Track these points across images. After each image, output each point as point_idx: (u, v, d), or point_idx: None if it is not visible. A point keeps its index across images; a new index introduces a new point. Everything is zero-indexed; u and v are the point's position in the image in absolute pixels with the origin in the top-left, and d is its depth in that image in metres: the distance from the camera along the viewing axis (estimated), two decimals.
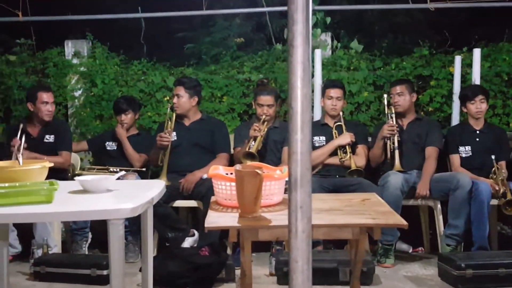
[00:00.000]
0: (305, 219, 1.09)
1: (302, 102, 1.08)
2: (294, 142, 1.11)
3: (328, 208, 2.78)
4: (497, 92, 5.32)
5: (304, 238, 1.09)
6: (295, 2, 1.06)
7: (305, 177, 1.10)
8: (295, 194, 1.10)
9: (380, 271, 4.25)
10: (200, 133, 4.83)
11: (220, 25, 6.78)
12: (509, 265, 3.91)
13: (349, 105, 5.40)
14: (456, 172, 4.64)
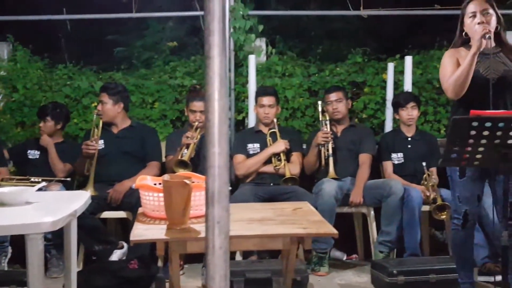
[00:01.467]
0: (222, 235, 1.08)
1: (219, 114, 1.07)
2: (211, 156, 1.10)
3: (260, 218, 2.79)
4: (429, 99, 5.45)
5: (221, 254, 1.08)
6: (212, 12, 1.05)
7: (222, 192, 1.09)
8: (212, 209, 1.08)
9: (314, 280, 4.28)
10: (129, 141, 4.71)
11: (152, 28, 6.70)
12: (439, 271, 3.99)
13: (284, 111, 5.43)
14: (389, 179, 4.72)
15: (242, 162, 4.79)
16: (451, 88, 3.38)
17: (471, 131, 2.83)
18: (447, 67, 3.47)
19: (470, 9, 3.43)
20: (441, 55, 5.63)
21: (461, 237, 3.55)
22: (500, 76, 3.38)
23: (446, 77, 3.44)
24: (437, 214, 4.45)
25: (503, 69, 3.41)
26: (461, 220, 3.47)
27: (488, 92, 3.28)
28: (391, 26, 7.12)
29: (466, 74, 3.30)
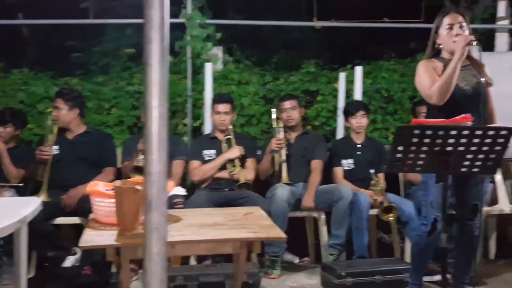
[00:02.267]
0: (160, 241, 1.05)
1: (158, 122, 1.05)
2: (149, 163, 1.08)
3: (212, 222, 2.77)
4: (378, 108, 5.52)
5: (159, 261, 1.06)
6: (151, 20, 1.04)
7: (160, 198, 1.07)
8: (150, 216, 1.06)
9: (267, 282, 4.28)
10: (85, 146, 4.61)
11: (110, 35, 6.59)
12: (385, 272, 4.05)
13: (240, 117, 5.41)
14: (339, 184, 4.74)
15: (197, 168, 4.76)
16: (436, 94, 3.36)
17: (413, 138, 2.87)
18: (426, 76, 3.46)
19: (446, 21, 3.48)
20: (389, 66, 5.79)
21: (425, 244, 3.55)
22: (473, 87, 3.45)
23: (427, 85, 3.43)
24: (383, 215, 4.51)
25: (476, 81, 3.47)
26: (429, 226, 3.46)
27: (464, 102, 3.38)
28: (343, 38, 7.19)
29: (450, 80, 3.32)
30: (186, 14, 5.54)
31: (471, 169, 3.04)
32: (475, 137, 2.89)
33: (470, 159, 2.96)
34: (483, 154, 2.95)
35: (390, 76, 5.65)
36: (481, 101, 3.44)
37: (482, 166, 3.00)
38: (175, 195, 4.47)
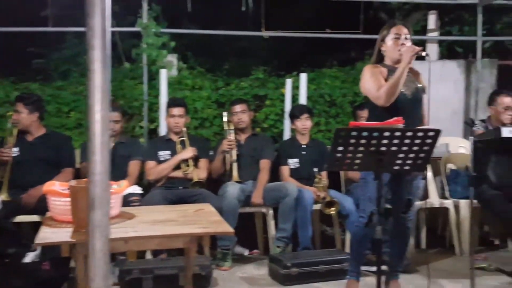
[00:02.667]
0: (103, 238, 1.03)
1: (100, 124, 1.03)
2: (92, 163, 1.05)
3: (164, 219, 2.73)
4: (321, 111, 5.56)
5: (102, 257, 1.04)
6: (93, 28, 1.01)
7: (103, 198, 1.05)
8: (93, 214, 1.04)
9: (218, 274, 4.25)
10: (44, 148, 4.49)
11: (70, 42, 6.47)
12: (327, 262, 4.11)
13: (194, 120, 5.39)
14: (285, 182, 4.76)
15: (153, 168, 4.71)
16: (384, 96, 3.40)
17: (351, 139, 2.90)
18: (373, 79, 3.49)
19: (393, 31, 3.54)
20: (331, 73, 5.84)
21: (362, 235, 3.60)
22: (412, 92, 3.53)
23: (375, 87, 3.46)
24: (326, 210, 4.55)
25: (414, 86, 3.55)
26: (366, 219, 3.49)
27: (406, 106, 3.46)
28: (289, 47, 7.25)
29: (398, 84, 3.38)
30: (142, 23, 5.48)
31: (403, 167, 3.08)
32: (406, 138, 2.93)
33: (402, 158, 3.01)
34: (413, 154, 3.00)
35: (333, 82, 5.70)
36: (419, 105, 3.56)
37: (413, 164, 3.05)
38: (131, 194, 4.42)
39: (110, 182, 2.74)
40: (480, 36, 6.18)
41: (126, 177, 4.60)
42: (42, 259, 3.92)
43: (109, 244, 1.04)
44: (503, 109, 4.68)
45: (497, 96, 4.77)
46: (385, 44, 3.57)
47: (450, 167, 5.16)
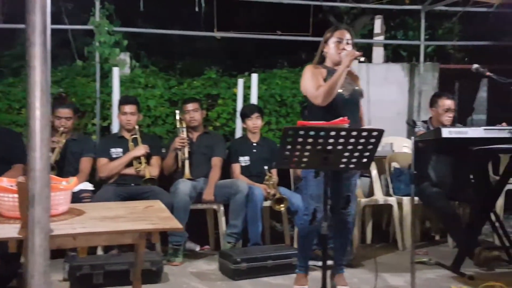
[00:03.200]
0: (42, 235, 1.01)
1: (40, 121, 1.01)
2: (32, 160, 1.02)
3: (113, 215, 2.68)
4: (272, 111, 5.59)
5: (41, 253, 1.01)
6: (32, 24, 0.99)
7: (43, 194, 1.02)
8: (33, 210, 1.01)
9: (169, 269, 4.21)
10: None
11: (22, 39, 6.29)
12: (276, 257, 4.12)
13: (147, 118, 5.34)
14: (236, 179, 4.77)
15: (105, 165, 4.65)
16: (321, 96, 3.43)
17: (298, 138, 2.92)
18: (313, 79, 3.52)
19: (337, 35, 3.58)
20: (282, 74, 5.88)
21: (307, 232, 3.62)
22: (350, 94, 3.57)
23: (314, 87, 3.49)
24: (275, 206, 4.57)
25: (352, 88, 3.60)
26: (310, 216, 3.53)
27: (342, 106, 3.49)
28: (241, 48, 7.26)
29: (335, 85, 3.41)
30: (95, 21, 5.40)
31: (348, 165, 3.12)
32: (351, 138, 2.97)
33: (347, 156, 3.04)
34: (358, 152, 3.04)
35: (283, 83, 5.74)
36: (356, 106, 3.62)
37: (358, 162, 3.10)
38: (82, 190, 4.36)
39: (59, 179, 2.72)
40: (423, 40, 6.33)
41: (78, 173, 4.54)
42: None
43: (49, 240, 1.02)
44: (443, 111, 4.77)
45: (438, 99, 4.86)
46: (328, 47, 3.62)
47: (394, 165, 5.24)
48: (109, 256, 4.11)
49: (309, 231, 3.61)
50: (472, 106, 7.51)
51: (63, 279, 3.93)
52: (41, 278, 1.01)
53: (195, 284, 3.92)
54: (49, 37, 1.02)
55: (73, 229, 2.33)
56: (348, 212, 3.62)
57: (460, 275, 4.08)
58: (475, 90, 7.46)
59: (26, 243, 2.29)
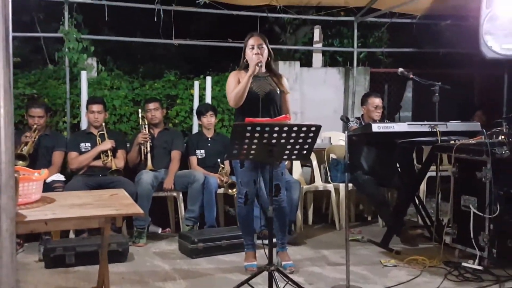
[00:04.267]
0: (8, 220, 0.99)
1: (4, 118, 0.98)
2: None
3: (81, 203, 2.64)
4: (225, 109, 5.57)
5: (8, 236, 0.99)
6: None
7: (8, 183, 1.00)
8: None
9: (135, 250, 4.19)
10: None
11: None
12: (228, 237, 4.15)
13: (113, 116, 5.26)
14: (193, 170, 4.76)
15: (75, 158, 4.57)
16: (232, 99, 3.53)
17: (246, 133, 2.93)
18: (230, 84, 3.60)
19: (250, 42, 3.59)
20: None
21: (244, 212, 3.66)
22: (266, 93, 3.57)
23: (229, 91, 3.57)
24: (228, 190, 4.59)
25: (269, 88, 3.60)
26: (243, 199, 3.59)
27: (258, 104, 3.51)
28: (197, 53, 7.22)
29: (243, 90, 3.46)
30: (64, 30, 5.27)
31: (290, 157, 3.16)
32: (292, 132, 3.00)
33: (290, 149, 3.07)
34: (299, 145, 3.07)
35: None
36: (273, 104, 3.59)
37: (299, 154, 3.13)
38: (55, 181, 4.30)
39: (31, 171, 2.66)
40: (356, 47, 6.41)
41: (50, 166, 4.45)
42: None
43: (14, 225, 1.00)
44: (373, 108, 4.82)
45: (368, 98, 4.91)
46: (246, 53, 3.62)
47: (332, 156, 5.30)
48: (80, 239, 4.08)
49: (246, 211, 3.64)
50: (399, 105, 7.67)
51: (39, 259, 3.86)
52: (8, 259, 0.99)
53: (157, 263, 3.91)
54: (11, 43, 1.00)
55: (45, 215, 2.30)
56: (280, 198, 3.62)
57: (388, 250, 4.18)
58: (401, 91, 7.63)
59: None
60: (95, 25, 5.81)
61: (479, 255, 3.61)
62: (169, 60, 7.10)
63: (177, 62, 6.89)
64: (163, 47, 6.92)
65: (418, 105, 7.62)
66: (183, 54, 7.17)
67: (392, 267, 3.79)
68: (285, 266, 3.67)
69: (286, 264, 3.69)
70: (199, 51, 7.12)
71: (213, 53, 6.96)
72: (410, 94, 7.84)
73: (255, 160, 3.41)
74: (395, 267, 3.77)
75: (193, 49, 6.79)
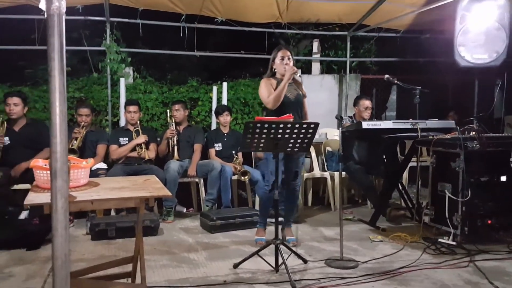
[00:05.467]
0: (62, 199, 1.01)
1: (59, 116, 1.00)
2: (53, 145, 1.02)
3: (120, 186, 2.65)
4: (238, 110, 5.58)
5: (62, 212, 1.01)
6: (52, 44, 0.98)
7: (62, 169, 1.02)
8: (55, 181, 1.01)
9: (164, 226, 4.22)
10: (27, 134, 4.25)
11: None
12: (242, 216, 4.17)
13: (146, 115, 5.29)
14: (212, 160, 4.77)
15: (115, 150, 4.60)
16: (271, 102, 3.43)
17: (256, 129, 2.95)
18: (266, 89, 3.50)
19: (280, 54, 3.56)
20: (245, 82, 5.86)
21: (267, 197, 3.60)
22: (295, 97, 3.55)
23: (266, 95, 3.47)
24: (241, 177, 4.59)
25: (296, 93, 3.58)
26: (270, 187, 3.54)
27: (290, 106, 3.49)
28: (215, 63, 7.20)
29: (281, 94, 3.41)
30: (106, 44, 5.30)
31: (293, 149, 3.16)
32: (295, 129, 3.01)
33: (292, 142, 3.08)
34: (300, 139, 3.08)
35: (246, 89, 5.72)
36: (300, 106, 3.61)
37: (300, 146, 3.13)
38: (99, 168, 4.33)
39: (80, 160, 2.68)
40: (348, 57, 6.38)
41: (95, 156, 4.48)
42: (32, 216, 3.74)
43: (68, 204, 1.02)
44: (363, 108, 4.81)
45: (359, 100, 4.89)
46: (275, 63, 3.59)
47: (328, 149, 5.29)
48: (119, 216, 4.11)
49: (268, 197, 3.62)
50: (385, 106, 7.62)
51: (86, 233, 3.91)
52: (62, 231, 1.01)
53: (182, 237, 3.94)
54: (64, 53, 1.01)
55: (91, 196, 2.32)
56: (296, 183, 3.62)
57: (376, 228, 4.18)
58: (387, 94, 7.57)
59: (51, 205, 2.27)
60: (131, 40, 5.82)
61: (453, 232, 3.60)
62: (192, 69, 7.10)
63: (199, 71, 6.88)
64: (186, 58, 6.90)
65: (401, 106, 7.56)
66: (204, 64, 7.16)
67: (379, 242, 3.79)
68: (289, 240, 3.68)
69: (290, 239, 3.70)
70: (217, 61, 7.12)
71: (228, 62, 6.96)
72: (395, 97, 7.78)
73: (265, 152, 3.41)
74: (382, 242, 3.77)
75: (212, 59, 6.79)
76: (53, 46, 0.99)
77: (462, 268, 3.13)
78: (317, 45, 6.54)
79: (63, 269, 0.96)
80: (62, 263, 0.96)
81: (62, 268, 0.96)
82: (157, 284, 2.82)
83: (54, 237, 1.00)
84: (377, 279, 2.92)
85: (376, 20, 5.78)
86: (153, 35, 5.97)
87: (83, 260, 3.27)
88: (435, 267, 3.15)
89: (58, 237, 1.00)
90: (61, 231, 1.00)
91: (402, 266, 3.15)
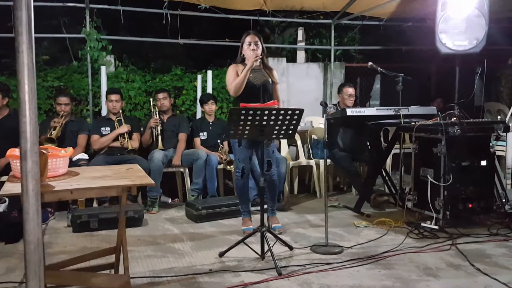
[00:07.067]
0: (33, 181, 0.96)
1: (28, 93, 0.95)
2: (22, 124, 0.97)
3: (102, 175, 2.59)
4: (224, 98, 5.52)
5: (34, 195, 0.97)
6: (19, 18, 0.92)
7: (32, 150, 0.97)
8: (25, 163, 0.96)
9: (148, 216, 4.17)
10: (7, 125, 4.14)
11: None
12: (227, 205, 4.13)
13: (128, 105, 5.20)
14: (197, 149, 4.72)
15: (97, 140, 4.51)
16: (233, 89, 3.45)
17: (241, 116, 2.90)
18: (230, 76, 3.51)
19: (247, 39, 3.52)
20: None
21: (240, 184, 3.61)
22: (261, 83, 3.51)
23: (229, 82, 3.48)
24: (227, 166, 4.56)
25: (263, 79, 3.53)
26: (240, 173, 3.55)
27: (255, 92, 3.44)
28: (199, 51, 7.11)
29: (242, 81, 3.39)
30: (86, 31, 5.17)
31: (278, 136, 3.13)
32: (280, 115, 2.98)
33: (277, 129, 3.06)
34: (285, 126, 3.05)
35: None
36: (267, 93, 3.52)
37: (285, 133, 3.11)
38: (80, 159, 4.25)
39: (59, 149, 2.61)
40: (333, 46, 6.37)
41: (76, 147, 4.40)
42: (11, 209, 3.65)
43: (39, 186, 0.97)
44: (347, 96, 4.80)
45: (343, 87, 4.88)
46: (243, 48, 3.55)
47: (313, 137, 5.28)
48: (102, 208, 4.04)
49: (243, 184, 3.59)
50: (369, 94, 7.66)
51: (67, 225, 3.84)
52: (34, 214, 0.96)
53: (168, 227, 3.90)
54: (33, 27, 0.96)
55: (70, 186, 2.25)
56: (271, 173, 3.55)
57: (360, 214, 4.20)
58: (371, 82, 7.61)
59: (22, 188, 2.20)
60: (112, 27, 5.69)
61: (435, 216, 3.62)
62: (175, 57, 7.00)
63: (183, 59, 6.80)
64: (170, 46, 6.80)
65: (384, 94, 7.62)
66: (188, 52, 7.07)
67: (363, 227, 3.80)
68: (275, 228, 3.67)
69: (276, 226, 3.69)
70: (201, 49, 7.02)
71: (213, 51, 6.87)
72: (378, 85, 7.83)
73: (250, 139, 3.38)
74: (366, 228, 3.79)
75: (196, 47, 6.69)
76: (21, 20, 0.93)
77: (445, 251, 3.16)
78: (302, 33, 6.50)
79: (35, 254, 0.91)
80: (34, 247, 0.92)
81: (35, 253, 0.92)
82: (142, 275, 2.78)
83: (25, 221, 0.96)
84: (362, 264, 2.93)
85: (360, 8, 5.76)
86: (135, 22, 5.86)
87: (65, 252, 3.20)
88: (418, 250, 3.17)
89: (29, 221, 0.95)
90: (32, 215, 0.95)
91: (386, 251, 3.16)
